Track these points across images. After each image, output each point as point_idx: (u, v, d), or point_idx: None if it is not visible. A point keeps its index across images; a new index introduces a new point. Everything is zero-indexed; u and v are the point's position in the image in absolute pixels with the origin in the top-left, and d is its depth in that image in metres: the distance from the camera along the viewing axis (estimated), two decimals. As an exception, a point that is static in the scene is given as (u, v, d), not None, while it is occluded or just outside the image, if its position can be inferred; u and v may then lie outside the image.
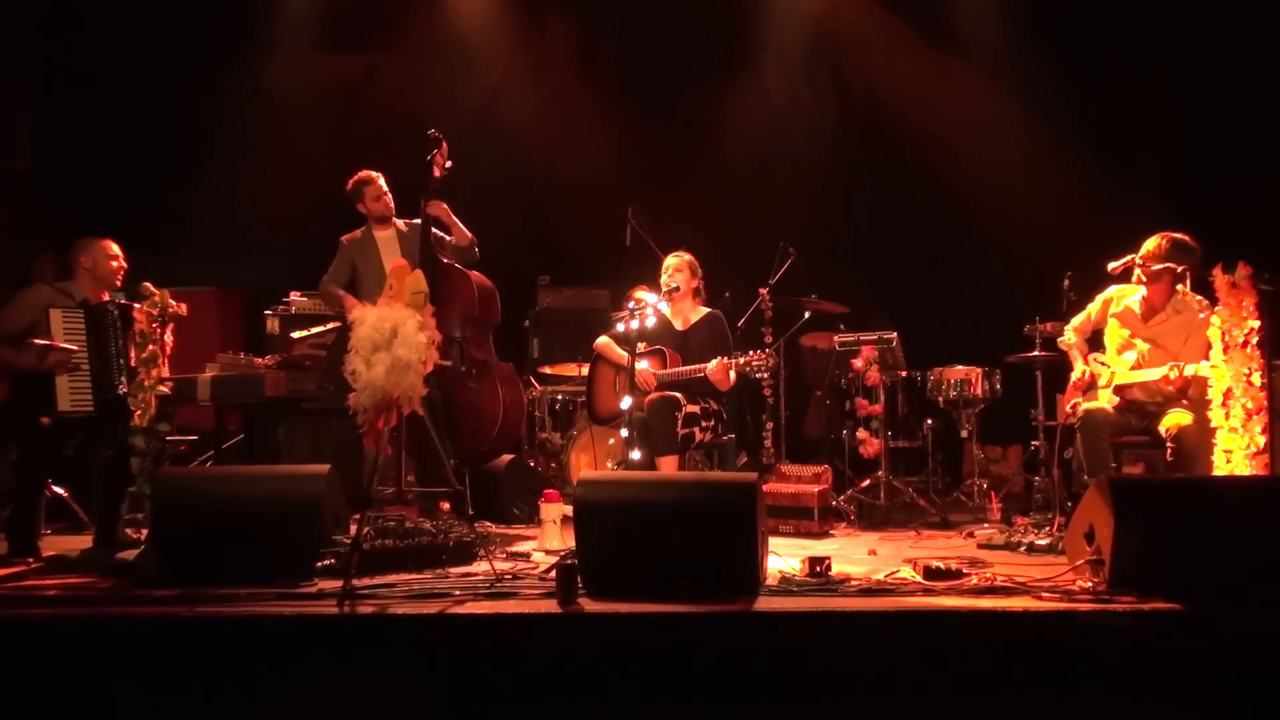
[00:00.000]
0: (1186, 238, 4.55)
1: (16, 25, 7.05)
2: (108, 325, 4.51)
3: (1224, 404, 4.13)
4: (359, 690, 3.00)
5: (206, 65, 7.23)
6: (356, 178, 5.28)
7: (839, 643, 3.08)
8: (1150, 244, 4.59)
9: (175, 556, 3.60)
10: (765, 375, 4.89)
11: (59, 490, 5.02)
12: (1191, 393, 4.39)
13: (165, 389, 4.36)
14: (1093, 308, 4.88)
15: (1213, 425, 4.16)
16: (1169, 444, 4.37)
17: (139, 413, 4.21)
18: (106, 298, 4.63)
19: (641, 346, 5.02)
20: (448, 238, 5.16)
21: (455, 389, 4.99)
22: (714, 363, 4.89)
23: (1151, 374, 4.48)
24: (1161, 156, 7.11)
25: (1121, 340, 4.74)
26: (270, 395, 4.68)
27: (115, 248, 4.71)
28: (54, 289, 4.57)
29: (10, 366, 4.40)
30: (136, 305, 4.46)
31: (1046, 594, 3.29)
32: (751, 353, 4.83)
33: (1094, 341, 4.92)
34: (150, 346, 4.31)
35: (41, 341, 4.36)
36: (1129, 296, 4.76)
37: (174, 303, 4.43)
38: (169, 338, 4.49)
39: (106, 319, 4.51)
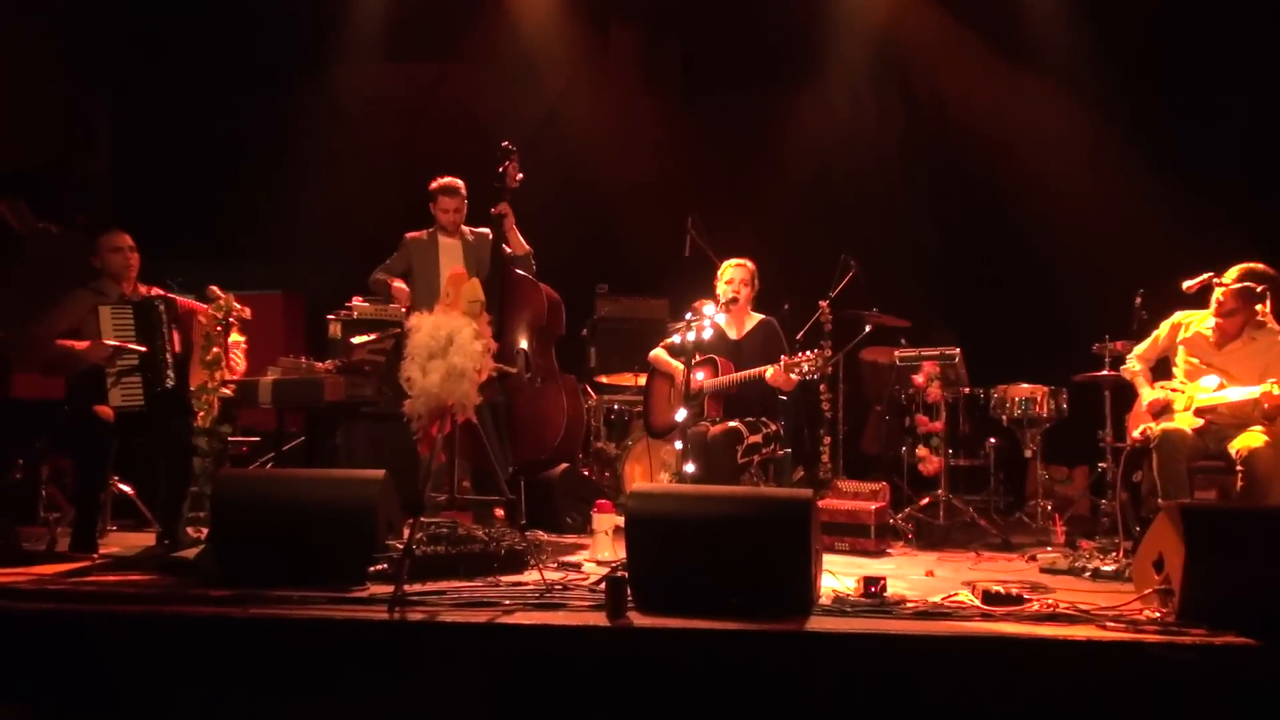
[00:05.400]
0: (1262, 266, 4.40)
1: (97, 32, 7.27)
2: (155, 320, 4.55)
3: (1304, 429, 3.97)
4: (406, 697, 3.00)
5: (279, 74, 7.38)
6: (440, 183, 5.32)
7: (891, 667, 3.01)
8: (1229, 276, 4.44)
9: (233, 557, 3.66)
10: (815, 376, 4.82)
11: (125, 488, 5.14)
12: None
13: (228, 391, 4.44)
14: (1159, 333, 4.73)
15: (1292, 452, 4.01)
16: (1239, 466, 4.21)
17: (202, 414, 4.29)
18: (149, 292, 4.69)
19: (695, 356, 5.00)
20: (505, 248, 5.19)
21: (520, 397, 5.02)
22: (770, 370, 4.84)
23: (1246, 393, 4.31)
24: (1241, 172, 6.87)
25: (1192, 367, 4.58)
26: (329, 399, 4.74)
27: (119, 240, 4.70)
28: (90, 290, 4.64)
29: (77, 361, 4.48)
30: (179, 299, 4.56)
31: (1111, 623, 3.19)
32: (800, 354, 4.78)
33: (1159, 369, 4.77)
34: (214, 349, 4.38)
35: (112, 343, 4.47)
36: (1200, 322, 4.60)
37: (239, 306, 4.52)
38: (239, 336, 4.58)
39: (154, 314, 4.56)
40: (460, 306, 3.88)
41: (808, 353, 4.78)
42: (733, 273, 5.25)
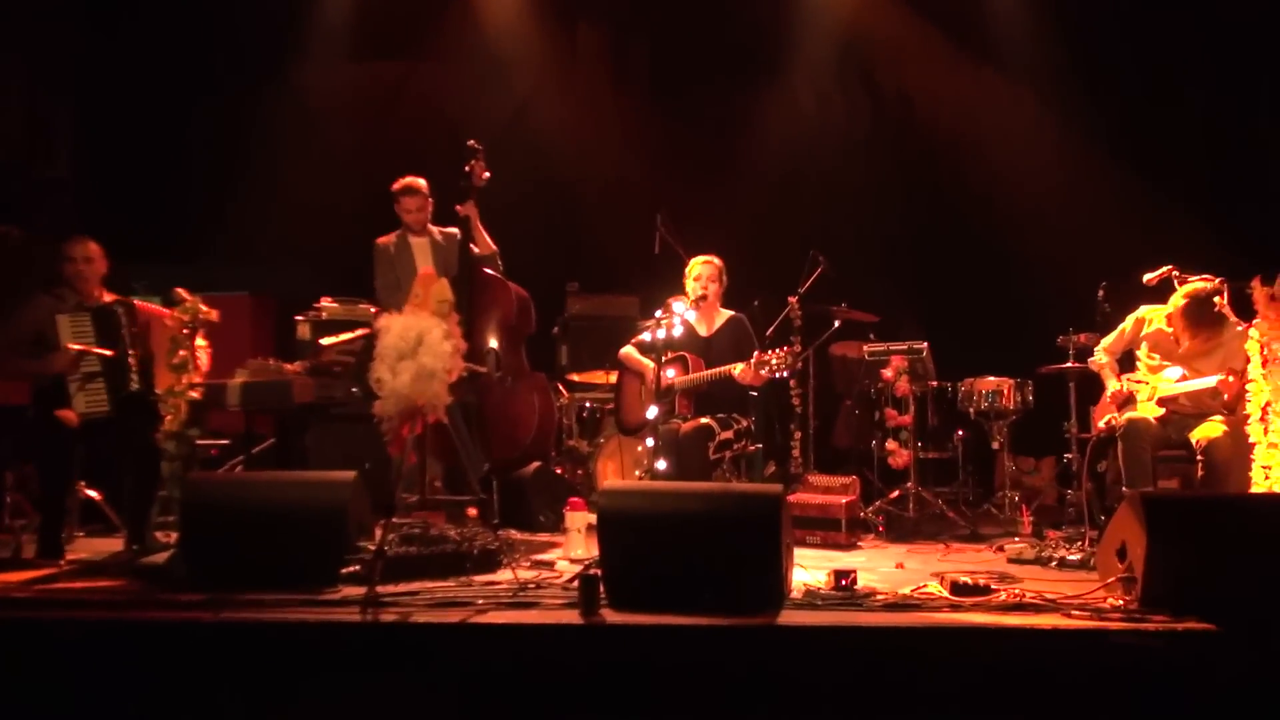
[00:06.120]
0: (1201, 283, 4.48)
1: (55, 33, 7.17)
2: (115, 325, 4.51)
3: (1263, 418, 4.05)
4: (379, 699, 3.00)
5: (243, 73, 7.32)
6: (401, 184, 5.28)
7: (863, 658, 3.05)
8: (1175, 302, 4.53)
9: (202, 561, 3.63)
10: (784, 373, 4.86)
11: (92, 493, 5.08)
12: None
13: (196, 394, 4.40)
14: (1125, 326, 4.82)
15: (1251, 440, 4.08)
16: (1199, 456, 4.30)
17: (169, 417, 4.26)
18: (109, 298, 4.65)
19: (666, 354, 5.01)
20: (472, 247, 5.18)
21: (491, 396, 5.01)
22: (739, 368, 4.87)
23: (1204, 383, 4.41)
24: (1199, 166, 6.98)
25: (1154, 361, 4.67)
26: (298, 401, 4.71)
27: (72, 250, 4.61)
28: (50, 296, 4.59)
29: (39, 376, 4.45)
30: (139, 303, 4.56)
31: (1076, 611, 3.23)
32: (770, 351, 4.80)
33: (1125, 361, 4.85)
34: (181, 352, 4.35)
35: (77, 347, 4.42)
36: (1162, 318, 4.68)
37: (205, 308, 4.48)
38: (201, 341, 4.55)
39: (113, 320, 4.52)
40: (429, 307, 3.88)
41: (777, 350, 4.81)
42: (701, 269, 5.27)
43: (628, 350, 5.44)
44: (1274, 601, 3.13)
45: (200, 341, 4.61)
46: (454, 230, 5.24)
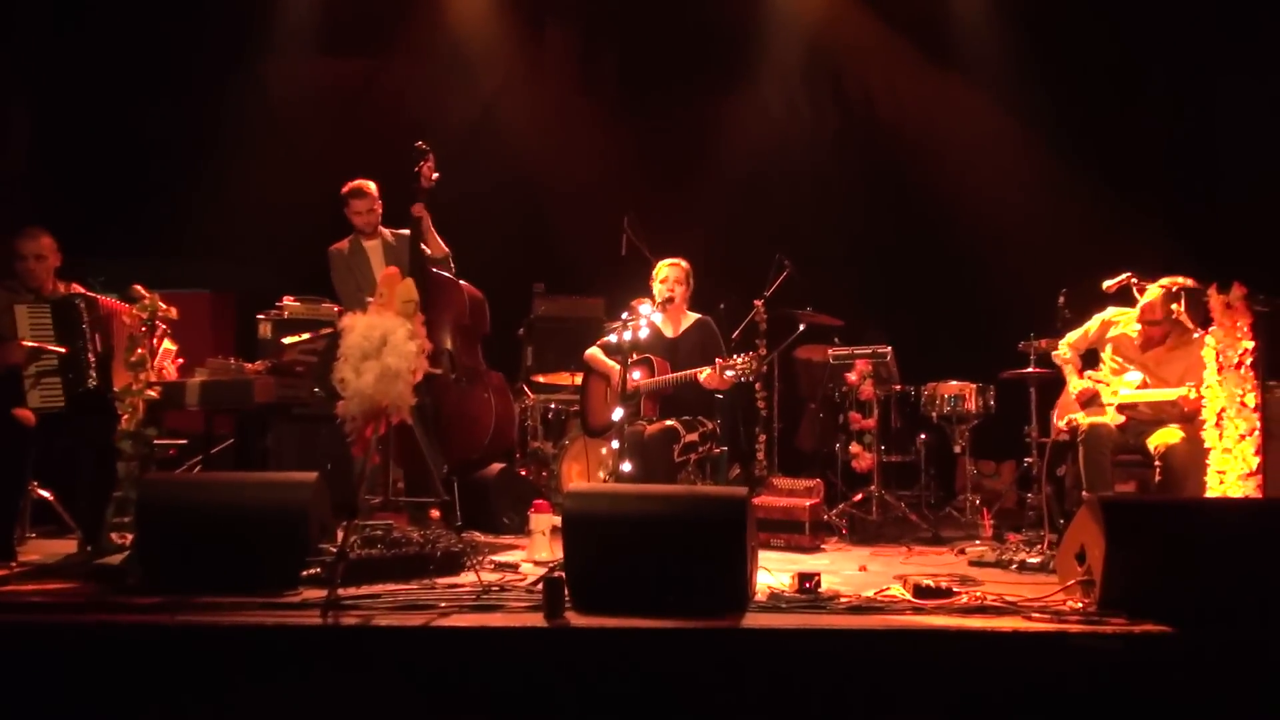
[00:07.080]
0: (1183, 279, 4.57)
1: (14, 26, 7.03)
2: (75, 318, 4.42)
3: (1218, 424, 4.12)
4: (341, 703, 2.96)
5: (204, 68, 7.21)
6: (349, 187, 5.29)
7: (826, 661, 3.06)
8: (1154, 292, 4.59)
9: (159, 563, 3.57)
10: (750, 378, 4.89)
11: (45, 493, 4.98)
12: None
13: (153, 393, 4.33)
14: (1091, 325, 4.88)
15: (1206, 446, 4.16)
16: (1157, 461, 4.37)
17: (126, 416, 4.18)
18: (68, 289, 4.56)
19: (632, 356, 5.01)
20: (424, 248, 5.15)
21: (447, 397, 4.98)
22: (705, 373, 4.88)
23: (1166, 394, 4.47)
24: (1158, 175, 7.10)
25: (1117, 365, 4.74)
26: (259, 401, 4.65)
27: (20, 247, 4.50)
28: (3, 288, 4.49)
29: None
30: (100, 298, 4.47)
31: (1036, 614, 3.27)
32: (735, 356, 4.82)
33: (1089, 359, 4.92)
34: (139, 350, 4.27)
35: (29, 344, 4.33)
36: (1127, 323, 4.75)
37: (164, 306, 4.41)
38: (170, 344, 4.48)
39: (73, 313, 4.43)
40: (394, 306, 3.84)
41: (742, 355, 4.83)
42: (668, 272, 5.28)
43: (593, 352, 5.43)
44: (1229, 604, 3.18)
45: (169, 346, 4.54)
46: (406, 232, 5.21)
